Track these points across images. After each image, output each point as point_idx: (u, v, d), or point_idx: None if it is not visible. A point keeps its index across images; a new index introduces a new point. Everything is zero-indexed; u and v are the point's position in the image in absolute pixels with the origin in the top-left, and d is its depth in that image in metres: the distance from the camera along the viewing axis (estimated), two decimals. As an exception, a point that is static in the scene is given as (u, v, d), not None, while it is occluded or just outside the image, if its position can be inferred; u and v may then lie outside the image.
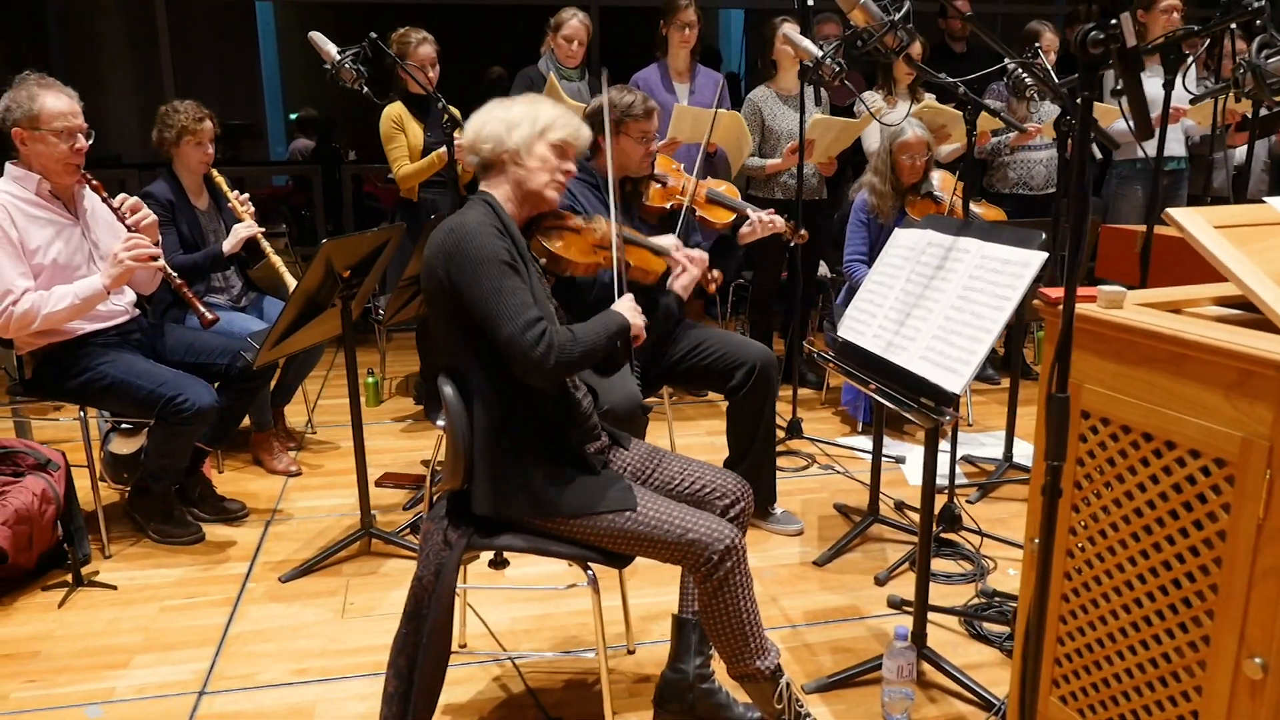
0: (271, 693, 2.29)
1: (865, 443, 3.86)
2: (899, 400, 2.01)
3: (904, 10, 1.93)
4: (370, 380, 4.45)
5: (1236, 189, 4.61)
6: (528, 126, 2.00)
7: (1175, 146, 4.60)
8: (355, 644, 2.50)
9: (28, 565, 2.76)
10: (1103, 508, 1.69)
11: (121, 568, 2.91)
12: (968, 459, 3.69)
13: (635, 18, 5.93)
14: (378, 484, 3.52)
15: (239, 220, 3.47)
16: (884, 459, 3.28)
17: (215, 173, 3.55)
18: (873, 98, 4.42)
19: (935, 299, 2.09)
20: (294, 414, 4.13)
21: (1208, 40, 1.89)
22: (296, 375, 3.78)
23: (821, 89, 3.31)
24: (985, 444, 3.87)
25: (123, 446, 3.25)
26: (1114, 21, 1.11)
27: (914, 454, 3.79)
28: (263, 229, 3.48)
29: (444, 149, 3.60)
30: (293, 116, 12.78)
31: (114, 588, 2.78)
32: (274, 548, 3.05)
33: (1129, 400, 1.62)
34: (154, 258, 2.83)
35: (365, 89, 3.04)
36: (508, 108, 2.03)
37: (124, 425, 3.19)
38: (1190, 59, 1.93)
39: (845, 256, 3.87)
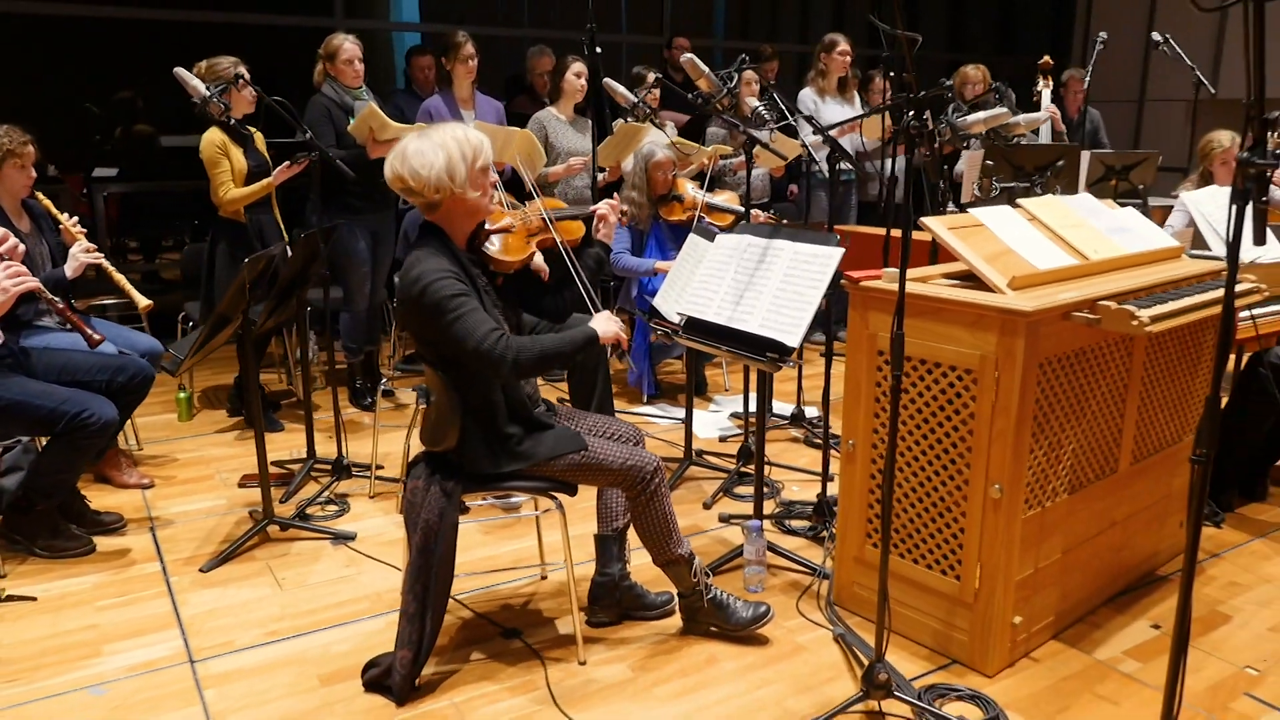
0: (270, 649, 2.61)
1: (653, 410, 4.72)
2: (749, 356, 2.83)
3: (735, 82, 2.74)
4: (183, 395, 4.55)
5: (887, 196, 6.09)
6: (463, 165, 2.37)
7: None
8: (311, 606, 2.86)
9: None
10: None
11: (25, 583, 2.97)
12: (734, 415, 4.65)
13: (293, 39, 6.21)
14: (240, 485, 3.77)
15: (68, 244, 3.56)
16: (667, 420, 4.55)
17: (41, 195, 3.59)
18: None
19: (763, 284, 2.93)
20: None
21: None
22: (134, 392, 3.88)
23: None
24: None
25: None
26: (925, 116, 1.98)
27: (697, 416, 4.69)
28: (102, 253, 3.58)
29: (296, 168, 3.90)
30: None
31: (33, 599, 2.87)
32: (174, 548, 3.24)
33: (910, 340, 2.55)
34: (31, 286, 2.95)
35: (233, 121, 3.33)
36: (438, 148, 2.34)
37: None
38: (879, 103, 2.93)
39: (613, 252, 4.71)
